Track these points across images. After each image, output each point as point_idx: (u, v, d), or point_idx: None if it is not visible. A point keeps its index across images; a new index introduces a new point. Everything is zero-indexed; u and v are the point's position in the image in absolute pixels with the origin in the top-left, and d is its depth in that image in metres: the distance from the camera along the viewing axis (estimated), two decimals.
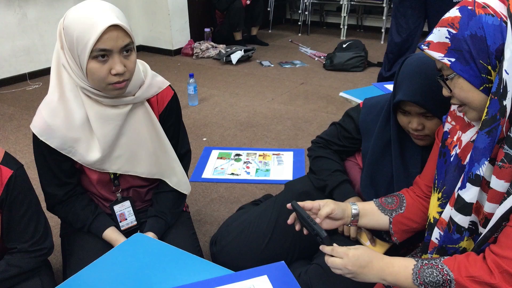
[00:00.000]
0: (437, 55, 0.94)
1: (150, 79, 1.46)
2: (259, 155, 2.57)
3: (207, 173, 2.37)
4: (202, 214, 2.07)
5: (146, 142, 1.48)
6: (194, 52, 4.90)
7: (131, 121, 1.43)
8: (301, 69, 4.44)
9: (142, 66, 1.46)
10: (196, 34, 5.17)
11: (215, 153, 2.60)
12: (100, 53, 1.23)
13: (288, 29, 6.41)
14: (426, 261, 0.98)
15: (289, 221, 1.21)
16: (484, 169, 0.91)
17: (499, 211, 0.91)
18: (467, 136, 1.03)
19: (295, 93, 3.74)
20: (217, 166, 2.45)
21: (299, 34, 6.05)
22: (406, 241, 1.34)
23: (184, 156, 1.62)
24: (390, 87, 2.55)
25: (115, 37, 1.23)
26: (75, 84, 1.35)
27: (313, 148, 1.63)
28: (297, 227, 1.20)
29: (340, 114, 2.38)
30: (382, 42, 5.47)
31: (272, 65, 4.55)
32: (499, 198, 0.91)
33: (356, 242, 1.44)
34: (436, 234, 1.06)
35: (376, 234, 1.43)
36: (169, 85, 1.53)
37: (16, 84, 4.02)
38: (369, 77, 4.11)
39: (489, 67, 0.89)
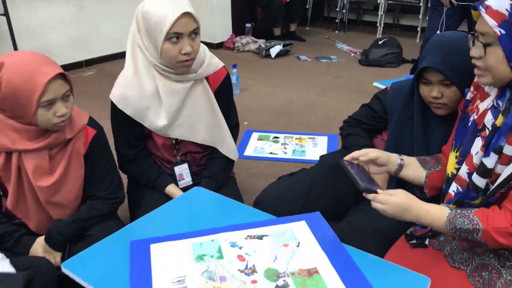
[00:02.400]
0: (491, 22, 1.05)
1: (209, 59, 1.73)
2: (296, 138, 2.80)
3: (249, 151, 2.63)
4: (244, 185, 2.33)
5: (203, 114, 1.74)
6: (235, 46, 5.18)
7: (192, 95, 1.71)
8: (336, 63, 4.64)
9: (202, 48, 1.73)
10: (238, 29, 5.45)
11: (255, 135, 2.85)
12: (173, 36, 1.50)
13: (325, 26, 6.60)
14: (459, 211, 1.17)
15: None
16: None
17: (507, 170, 1.12)
18: (484, 104, 1.22)
19: (329, 85, 3.95)
20: (257, 146, 2.70)
21: (336, 32, 6.24)
22: None
23: (233, 128, 1.87)
24: None
25: (186, 23, 1.50)
26: (147, 61, 1.63)
27: (344, 127, 1.86)
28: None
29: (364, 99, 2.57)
30: (417, 41, 5.60)
31: (309, 59, 4.77)
32: (508, 161, 1.11)
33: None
34: (453, 187, 1.27)
35: None
36: (223, 65, 1.80)
37: (73, 71, 4.40)
38: (402, 72, 4.27)
39: None
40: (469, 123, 1.26)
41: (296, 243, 1.27)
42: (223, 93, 1.80)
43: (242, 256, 1.22)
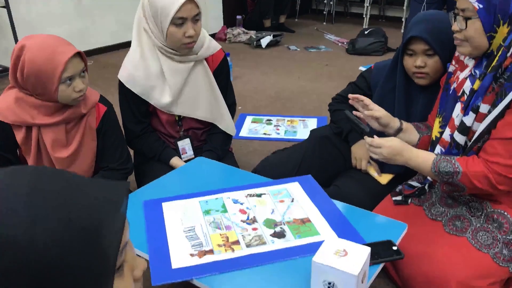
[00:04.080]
0: None
1: (208, 42, 1.89)
2: (287, 121, 2.98)
3: (243, 133, 2.80)
4: (240, 162, 2.48)
5: (204, 92, 1.91)
6: (227, 37, 5.33)
7: (193, 75, 1.87)
8: (325, 53, 4.82)
9: (202, 32, 1.88)
10: (229, 21, 5.60)
11: (249, 119, 3.02)
12: (178, 21, 1.66)
13: (313, 18, 6.78)
14: (443, 157, 1.36)
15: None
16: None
17: (482, 126, 1.30)
18: (463, 74, 1.41)
19: (319, 73, 4.13)
20: (251, 128, 2.87)
21: (324, 23, 6.41)
22: (405, 174, 1.73)
23: (231, 106, 2.04)
24: None
25: (190, 8, 1.67)
26: (153, 44, 1.79)
27: (332, 103, 2.04)
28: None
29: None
30: (402, 31, 5.78)
31: (299, 49, 4.94)
32: (483, 118, 1.29)
33: (367, 173, 1.84)
34: (437, 149, 1.45)
35: (380, 167, 1.84)
36: (221, 48, 1.96)
37: None
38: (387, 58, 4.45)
39: (501, 23, 1.23)
40: (450, 91, 1.44)
41: (291, 199, 1.44)
42: (221, 73, 1.96)
43: (244, 210, 1.39)
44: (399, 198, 1.60)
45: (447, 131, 1.41)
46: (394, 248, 1.19)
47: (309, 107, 3.30)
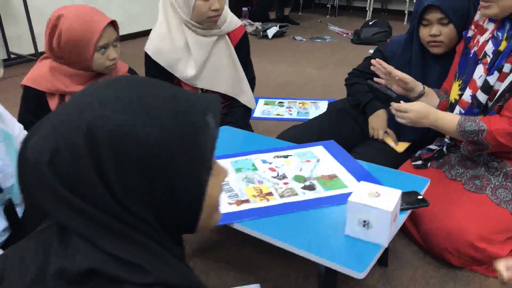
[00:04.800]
0: None
1: (230, 18, 1.96)
2: (299, 103, 3.05)
3: (256, 113, 2.87)
4: None
5: (225, 67, 1.98)
6: None
7: (216, 49, 1.94)
8: (330, 43, 4.90)
9: (225, 8, 1.96)
10: (235, 13, 5.63)
11: (261, 101, 3.09)
12: None
13: (316, 12, 6.85)
14: (468, 117, 1.43)
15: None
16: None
17: (504, 85, 1.37)
18: (484, 37, 1.49)
19: (325, 61, 4.21)
20: (264, 110, 2.94)
21: (327, 16, 6.49)
22: (420, 142, 1.81)
23: (251, 81, 2.11)
24: None
25: None
26: (179, 18, 1.86)
27: (349, 77, 2.11)
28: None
29: None
30: (405, 23, 5.88)
31: (304, 40, 5.02)
32: (505, 77, 1.37)
33: (384, 143, 1.92)
34: (456, 111, 1.52)
35: (397, 137, 1.91)
36: (242, 24, 2.03)
37: None
38: None
39: None
40: (470, 55, 1.52)
41: (316, 159, 1.52)
42: (242, 48, 2.04)
43: (273, 168, 1.46)
44: (419, 162, 1.67)
45: (468, 92, 1.49)
46: (420, 197, 1.26)
47: (317, 92, 3.37)
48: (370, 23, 4.91)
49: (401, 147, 1.89)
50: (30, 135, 0.57)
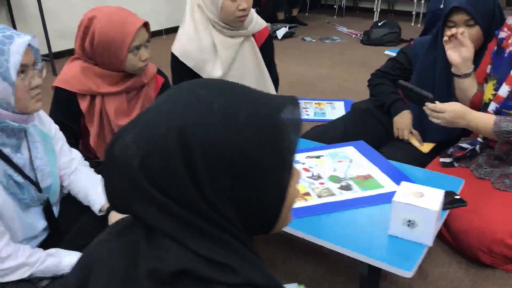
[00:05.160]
0: None
1: (256, 19, 1.98)
2: (315, 104, 3.07)
3: None
4: None
5: (251, 67, 2.00)
6: None
7: (242, 50, 1.96)
8: (340, 43, 4.92)
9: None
10: None
11: None
12: None
13: (323, 12, 6.87)
14: (504, 117, 1.45)
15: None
16: None
17: None
18: None
19: (337, 61, 4.23)
20: None
21: (335, 17, 6.51)
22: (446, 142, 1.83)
23: (275, 82, 2.13)
24: None
25: None
26: (205, 19, 1.87)
27: (372, 78, 2.13)
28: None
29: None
30: (412, 24, 5.89)
31: (314, 40, 5.03)
32: None
33: (409, 143, 1.93)
34: (492, 107, 1.53)
35: (422, 137, 1.93)
36: (267, 25, 2.05)
37: None
38: None
39: None
40: (505, 55, 1.53)
41: (349, 160, 1.53)
42: (267, 49, 2.05)
43: (307, 168, 1.48)
44: (447, 160, 1.68)
45: (505, 88, 1.49)
46: (457, 197, 1.28)
47: (329, 91, 3.39)
48: (379, 24, 4.92)
49: (426, 147, 1.91)
50: (117, 138, 0.58)
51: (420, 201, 1.09)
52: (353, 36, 5.23)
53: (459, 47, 1.61)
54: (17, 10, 3.87)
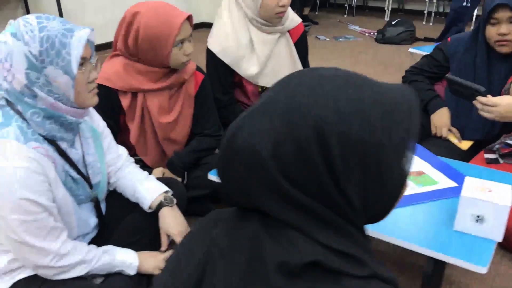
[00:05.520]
0: None
1: (292, 15, 1.96)
2: None
3: None
4: None
5: (286, 64, 1.98)
6: None
7: (278, 46, 1.94)
8: (355, 42, 4.91)
9: None
10: None
11: None
12: None
13: (333, 12, 6.86)
14: None
15: None
16: None
17: None
18: None
19: (355, 60, 4.22)
20: None
21: (345, 16, 6.50)
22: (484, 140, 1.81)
23: None
24: None
25: None
26: (243, 15, 1.86)
27: (407, 75, 2.11)
28: None
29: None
30: (424, 23, 5.88)
31: (328, 39, 5.02)
32: None
33: (447, 140, 1.92)
34: None
35: (460, 135, 1.91)
36: (301, 21, 2.03)
37: (109, 50, 4.56)
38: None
39: None
40: None
41: None
42: (301, 46, 2.04)
43: None
44: (492, 156, 1.67)
45: None
46: None
47: None
48: (393, 22, 4.91)
49: (465, 145, 1.89)
50: (237, 127, 0.57)
51: (490, 196, 1.07)
52: (367, 34, 5.22)
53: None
54: (34, 10, 3.86)
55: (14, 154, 1.03)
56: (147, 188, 1.41)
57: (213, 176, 1.42)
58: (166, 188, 1.42)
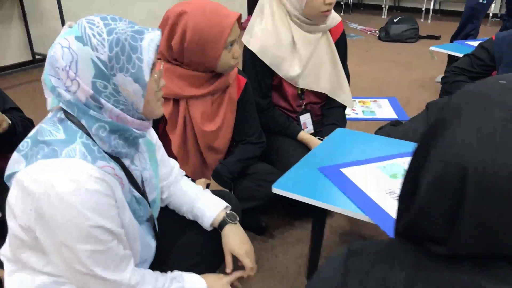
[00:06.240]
0: None
1: (333, 13, 1.85)
2: (359, 102, 2.97)
3: None
4: None
5: (326, 64, 1.87)
6: None
7: (319, 46, 1.83)
8: (358, 40, 4.84)
9: None
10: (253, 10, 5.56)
11: None
12: None
13: None
14: None
15: None
16: None
17: None
18: None
19: (364, 58, 4.14)
20: None
21: (342, 13, 6.43)
22: None
23: (348, 78, 2.00)
24: (471, 43, 2.96)
25: None
26: (284, 13, 1.75)
27: (449, 75, 2.03)
28: None
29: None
30: (422, 20, 5.85)
31: None
32: None
33: None
34: None
35: None
36: (341, 20, 1.93)
37: None
38: (424, 46, 4.51)
39: None
40: None
41: None
42: (341, 44, 1.93)
43: None
44: None
45: None
46: None
47: (363, 87, 3.31)
48: (395, 20, 4.86)
49: None
50: (488, 152, 0.46)
51: None
52: (368, 33, 5.16)
53: None
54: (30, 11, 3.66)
55: (83, 176, 0.90)
56: (206, 204, 1.28)
57: (278, 190, 1.31)
58: (226, 204, 1.30)
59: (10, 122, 1.39)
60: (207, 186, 1.61)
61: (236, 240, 1.25)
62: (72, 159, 0.90)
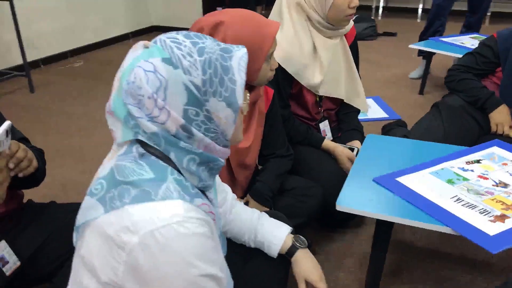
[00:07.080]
0: None
1: None
2: None
3: None
4: None
5: (343, 69, 1.83)
6: None
7: (336, 51, 1.79)
8: None
9: None
10: (208, 12, 5.41)
11: None
12: None
13: None
14: None
15: None
16: None
17: None
18: None
19: None
20: None
21: None
22: None
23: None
24: (445, 39, 3.05)
25: None
26: (304, 19, 1.68)
27: (454, 74, 2.05)
28: None
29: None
30: (372, 17, 6.01)
31: None
32: None
33: (509, 137, 1.89)
34: None
35: None
36: (354, 24, 1.89)
37: (60, 62, 4.08)
38: (385, 43, 4.63)
39: None
40: None
41: (510, 160, 1.44)
42: (354, 50, 1.90)
43: (483, 176, 1.36)
44: None
45: None
46: None
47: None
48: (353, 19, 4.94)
49: None
50: None
51: None
52: None
53: None
54: None
55: (186, 219, 0.77)
56: (270, 231, 1.19)
57: (344, 207, 1.24)
58: (290, 227, 1.22)
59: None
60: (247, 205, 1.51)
61: (309, 266, 1.17)
62: (171, 201, 0.78)
